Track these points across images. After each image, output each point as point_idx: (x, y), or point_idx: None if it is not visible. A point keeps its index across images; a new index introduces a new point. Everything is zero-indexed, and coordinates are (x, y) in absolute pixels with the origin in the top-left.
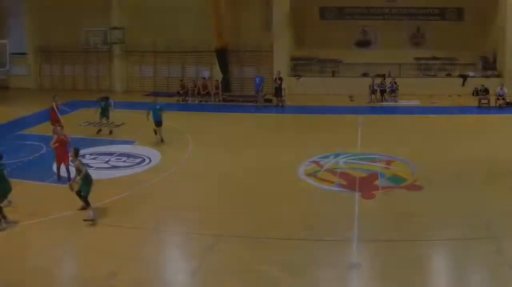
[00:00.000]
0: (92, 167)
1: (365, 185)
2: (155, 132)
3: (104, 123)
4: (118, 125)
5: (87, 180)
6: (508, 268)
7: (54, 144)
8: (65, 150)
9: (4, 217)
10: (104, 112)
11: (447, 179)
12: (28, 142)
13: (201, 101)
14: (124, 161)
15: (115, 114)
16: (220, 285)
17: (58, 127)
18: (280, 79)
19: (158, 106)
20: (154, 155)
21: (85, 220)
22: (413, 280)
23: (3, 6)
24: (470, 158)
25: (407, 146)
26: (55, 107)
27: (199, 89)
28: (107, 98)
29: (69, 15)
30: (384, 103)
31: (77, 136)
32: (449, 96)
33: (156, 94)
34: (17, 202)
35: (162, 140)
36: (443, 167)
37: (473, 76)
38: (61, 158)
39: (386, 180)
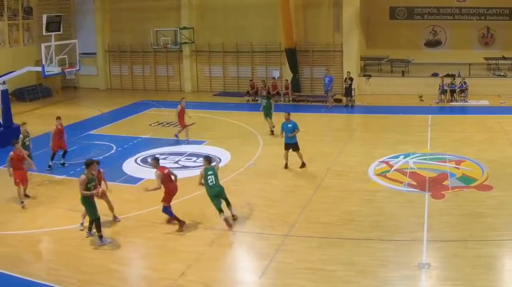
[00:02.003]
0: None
1: (434, 185)
2: (286, 158)
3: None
4: (188, 126)
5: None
6: None
7: None
8: None
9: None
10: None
11: None
12: (97, 142)
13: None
14: (194, 161)
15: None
16: (288, 285)
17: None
18: (351, 79)
19: (290, 125)
20: (224, 154)
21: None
22: (484, 280)
23: (72, 6)
24: None
25: (477, 146)
26: (182, 108)
27: (268, 89)
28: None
29: (138, 15)
30: (454, 103)
31: (147, 136)
32: None
33: (226, 94)
34: None
35: (304, 164)
36: None
37: None
38: None
39: (456, 180)
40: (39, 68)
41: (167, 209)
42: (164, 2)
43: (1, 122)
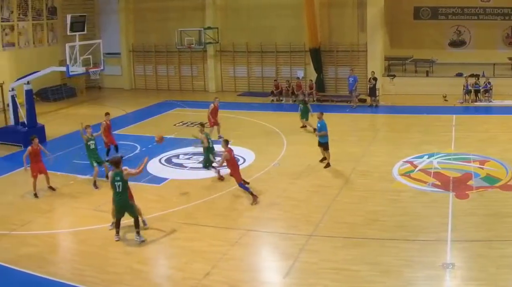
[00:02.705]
0: (186, 166)
1: (459, 185)
2: (325, 159)
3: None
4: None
5: None
6: None
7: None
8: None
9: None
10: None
11: None
12: (121, 142)
13: (295, 101)
14: (219, 161)
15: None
16: (312, 285)
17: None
18: (375, 79)
19: (319, 124)
20: (248, 154)
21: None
22: (508, 280)
23: (96, 6)
24: None
25: (501, 146)
26: (215, 107)
27: (293, 89)
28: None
29: (163, 15)
30: (478, 103)
31: (171, 136)
32: None
33: (250, 94)
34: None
35: (329, 164)
36: None
37: None
38: None
39: (480, 180)
40: (63, 68)
41: (241, 184)
42: (188, 2)
43: (26, 122)
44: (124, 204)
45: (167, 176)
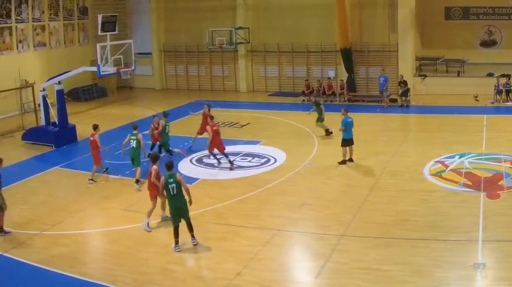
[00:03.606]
0: (217, 166)
1: (490, 185)
2: (345, 159)
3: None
4: (243, 126)
5: None
6: None
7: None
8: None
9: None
10: None
11: None
12: (152, 142)
13: (326, 101)
14: (249, 161)
15: (240, 115)
16: (344, 285)
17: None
18: (404, 83)
19: (349, 119)
20: (279, 154)
21: None
22: None
23: (127, 6)
24: None
25: None
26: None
27: (324, 89)
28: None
29: (194, 15)
30: (509, 103)
31: (202, 136)
32: None
33: (281, 94)
34: (143, 202)
35: (351, 159)
36: None
37: None
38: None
39: (511, 180)
40: (94, 68)
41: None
42: (219, 2)
43: (57, 122)
44: (180, 206)
45: (198, 176)
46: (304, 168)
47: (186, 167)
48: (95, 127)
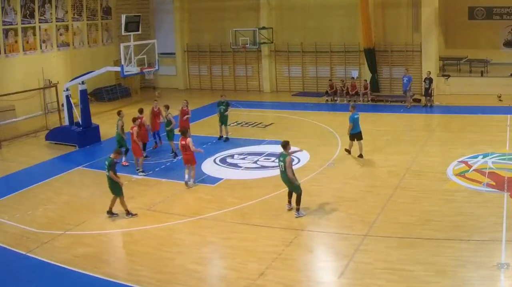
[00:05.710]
0: (240, 166)
1: None
2: (348, 151)
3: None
4: (267, 126)
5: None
6: None
7: None
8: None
9: None
10: None
11: None
12: (175, 142)
13: (349, 101)
14: (273, 161)
15: (264, 115)
16: (367, 285)
17: None
18: (430, 79)
19: (356, 115)
20: (303, 155)
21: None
22: None
23: (151, 6)
24: None
25: None
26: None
27: (347, 89)
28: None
29: (217, 15)
30: None
31: (226, 136)
32: None
33: (304, 94)
34: (166, 202)
35: (361, 155)
36: None
37: None
38: None
39: None
40: (118, 68)
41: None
42: (243, 2)
43: (80, 122)
44: (285, 180)
45: (222, 175)
46: (327, 168)
47: (209, 167)
48: (141, 111)
